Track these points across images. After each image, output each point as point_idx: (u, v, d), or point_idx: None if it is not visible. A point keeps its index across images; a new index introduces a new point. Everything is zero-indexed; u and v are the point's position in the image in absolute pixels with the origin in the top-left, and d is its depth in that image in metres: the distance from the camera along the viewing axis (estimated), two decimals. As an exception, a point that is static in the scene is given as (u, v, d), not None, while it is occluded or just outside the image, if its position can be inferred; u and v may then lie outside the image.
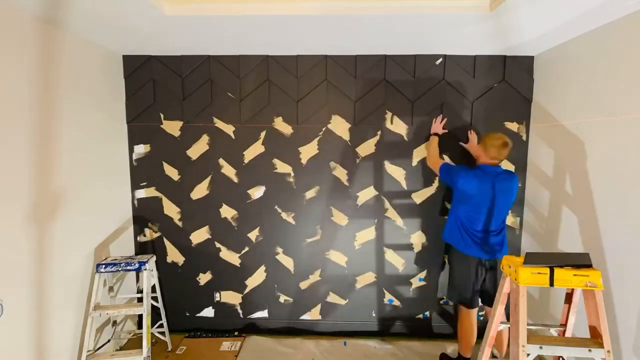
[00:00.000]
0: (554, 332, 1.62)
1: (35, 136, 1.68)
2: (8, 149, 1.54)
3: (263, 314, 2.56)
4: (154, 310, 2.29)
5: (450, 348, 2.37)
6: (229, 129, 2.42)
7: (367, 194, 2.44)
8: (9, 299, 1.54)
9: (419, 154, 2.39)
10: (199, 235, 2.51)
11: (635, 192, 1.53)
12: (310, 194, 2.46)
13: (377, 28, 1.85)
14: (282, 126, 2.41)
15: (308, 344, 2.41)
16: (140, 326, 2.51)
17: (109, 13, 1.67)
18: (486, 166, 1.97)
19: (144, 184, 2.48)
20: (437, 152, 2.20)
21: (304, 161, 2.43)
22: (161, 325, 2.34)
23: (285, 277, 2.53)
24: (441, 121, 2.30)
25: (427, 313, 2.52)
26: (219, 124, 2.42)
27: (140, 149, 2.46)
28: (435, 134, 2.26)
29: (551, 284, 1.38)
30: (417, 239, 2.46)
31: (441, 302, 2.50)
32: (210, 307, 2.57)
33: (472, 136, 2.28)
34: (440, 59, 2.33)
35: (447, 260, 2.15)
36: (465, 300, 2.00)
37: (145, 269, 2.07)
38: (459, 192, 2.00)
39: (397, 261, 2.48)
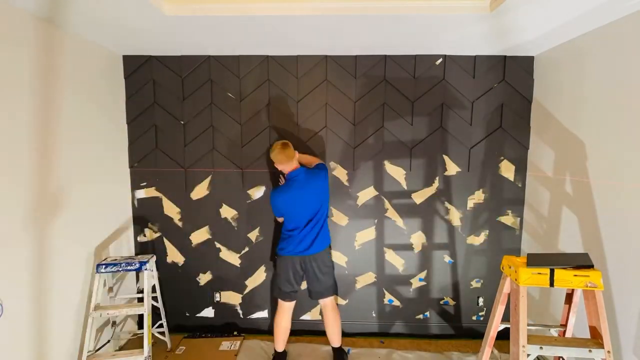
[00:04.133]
0: (554, 332, 1.63)
1: (35, 136, 1.68)
2: (8, 149, 1.54)
3: (263, 314, 2.56)
4: (154, 310, 2.29)
5: (451, 349, 2.37)
6: (229, 130, 2.42)
7: (367, 194, 2.44)
8: (9, 299, 1.54)
9: (418, 153, 2.39)
10: (199, 236, 2.51)
11: (635, 192, 1.53)
12: (310, 194, 2.45)
13: (377, 28, 1.85)
14: (282, 127, 2.41)
15: (310, 348, 2.39)
16: (140, 326, 2.51)
17: (108, 13, 1.67)
18: (290, 174, 2.06)
19: (144, 184, 2.48)
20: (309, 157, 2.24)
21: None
22: (161, 325, 2.34)
23: (285, 277, 2.52)
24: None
25: (427, 313, 2.52)
26: (219, 124, 2.42)
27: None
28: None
29: (551, 285, 1.39)
30: (417, 239, 2.46)
31: (441, 302, 2.50)
32: (210, 307, 2.57)
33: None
34: (441, 59, 2.33)
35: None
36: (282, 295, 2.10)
37: (146, 269, 2.07)
38: (281, 210, 2.09)
39: (397, 261, 2.48)
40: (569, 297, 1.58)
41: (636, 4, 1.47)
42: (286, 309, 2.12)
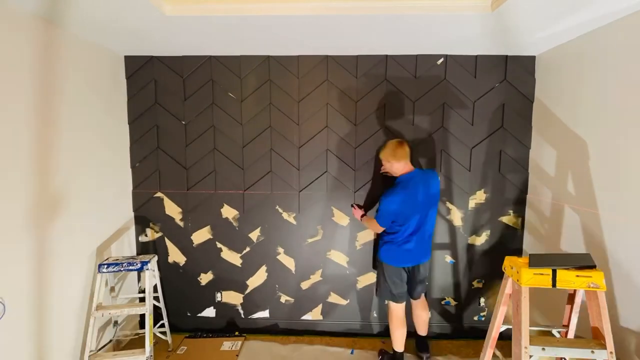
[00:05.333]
0: (556, 333, 1.62)
1: (35, 136, 1.68)
2: (9, 149, 1.54)
3: (264, 314, 2.57)
4: (155, 310, 2.30)
5: (452, 349, 2.37)
6: (230, 130, 2.43)
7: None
8: (11, 299, 1.55)
9: (419, 153, 2.38)
10: (200, 236, 2.51)
11: (638, 191, 1.52)
12: (311, 194, 2.45)
13: (378, 28, 1.85)
14: (283, 127, 2.41)
15: (311, 349, 2.39)
16: (141, 326, 2.52)
17: (109, 14, 1.67)
18: (404, 176, 1.97)
19: (146, 184, 2.48)
20: (372, 222, 2.09)
21: (304, 161, 2.43)
22: (162, 325, 2.34)
23: (287, 277, 2.53)
24: (357, 208, 2.33)
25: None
26: (220, 124, 2.42)
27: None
28: (362, 216, 2.26)
29: (553, 285, 1.38)
30: (419, 239, 2.45)
31: (442, 302, 2.50)
32: (212, 307, 2.57)
33: (357, 209, 2.32)
34: (442, 59, 2.32)
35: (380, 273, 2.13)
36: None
37: (148, 269, 2.08)
38: (394, 216, 1.95)
39: (398, 261, 2.48)
40: (571, 298, 1.57)
41: (637, 4, 1.46)
42: (401, 308, 2.09)
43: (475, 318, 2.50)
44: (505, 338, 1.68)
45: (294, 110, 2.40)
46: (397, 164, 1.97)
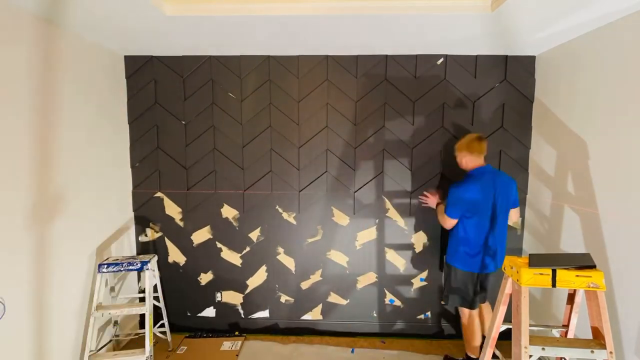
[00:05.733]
0: (556, 333, 1.62)
1: (35, 136, 1.68)
2: (8, 149, 1.54)
3: (264, 313, 2.57)
4: (155, 310, 2.30)
5: (452, 349, 2.37)
6: (230, 130, 2.43)
7: (368, 194, 2.44)
8: (11, 299, 1.55)
9: (419, 153, 2.39)
10: (200, 235, 2.51)
11: (637, 192, 1.52)
12: (311, 194, 2.45)
13: (378, 28, 1.85)
14: (283, 127, 2.41)
15: (311, 349, 2.40)
16: (141, 326, 2.52)
17: (109, 13, 1.67)
18: (477, 169, 1.95)
19: (146, 184, 2.48)
20: (442, 213, 2.04)
21: (304, 161, 2.43)
22: (162, 325, 2.34)
23: (286, 277, 2.53)
24: (430, 196, 2.25)
25: (428, 313, 2.51)
26: (220, 124, 2.42)
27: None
28: (438, 205, 2.19)
29: (553, 285, 1.38)
30: (419, 239, 2.45)
31: (442, 302, 2.50)
32: (212, 307, 2.57)
33: (432, 196, 2.25)
34: (442, 59, 2.32)
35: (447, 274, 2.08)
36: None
37: (148, 269, 2.08)
38: (467, 205, 1.89)
39: (398, 261, 2.48)
40: (571, 298, 1.57)
41: (636, 4, 1.47)
42: (476, 314, 2.04)
43: (475, 318, 2.50)
44: (505, 338, 1.67)
45: (294, 110, 2.40)
46: (469, 157, 1.96)
